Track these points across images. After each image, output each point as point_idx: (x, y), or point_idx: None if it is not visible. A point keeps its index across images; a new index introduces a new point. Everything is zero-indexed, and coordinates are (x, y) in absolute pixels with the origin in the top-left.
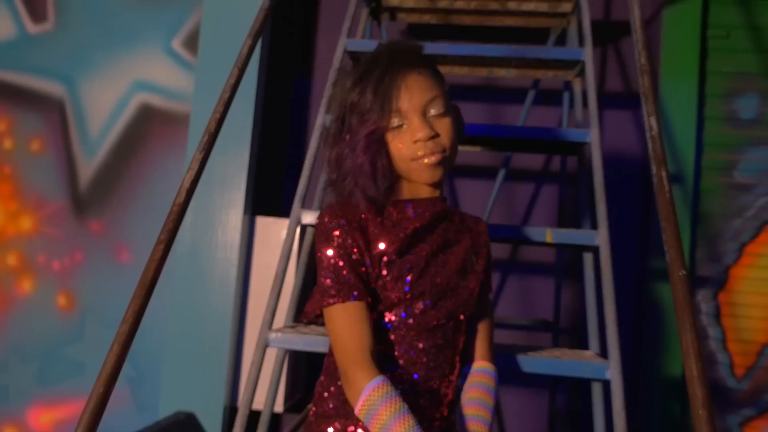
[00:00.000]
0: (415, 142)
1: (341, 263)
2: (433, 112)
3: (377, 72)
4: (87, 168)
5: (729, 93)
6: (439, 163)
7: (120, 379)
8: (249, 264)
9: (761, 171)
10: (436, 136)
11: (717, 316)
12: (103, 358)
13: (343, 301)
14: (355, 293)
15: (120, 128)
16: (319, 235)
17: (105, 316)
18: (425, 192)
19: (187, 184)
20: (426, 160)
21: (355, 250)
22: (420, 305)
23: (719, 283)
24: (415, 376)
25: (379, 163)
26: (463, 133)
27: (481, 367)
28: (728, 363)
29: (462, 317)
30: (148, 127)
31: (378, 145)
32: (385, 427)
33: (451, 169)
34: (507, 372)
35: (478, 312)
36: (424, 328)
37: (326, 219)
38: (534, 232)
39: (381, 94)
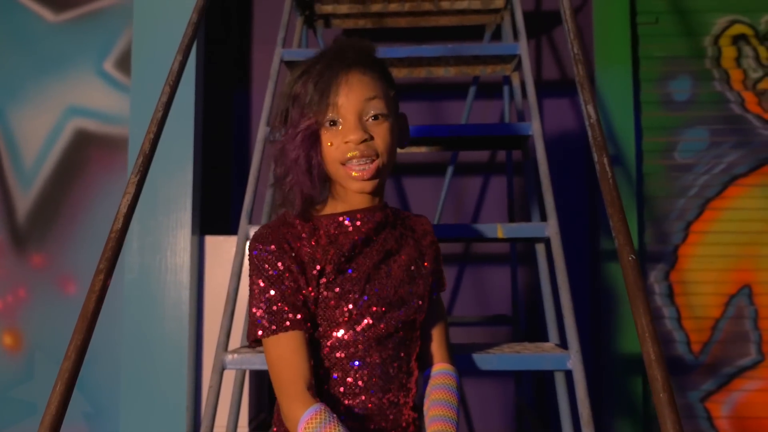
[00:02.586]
0: (346, 142)
1: (272, 293)
2: (371, 113)
3: (320, 65)
4: (24, 200)
5: (662, 77)
6: (370, 170)
7: (76, 416)
8: (201, 285)
9: (699, 151)
10: (370, 139)
11: (670, 295)
12: None
13: (276, 333)
14: (287, 323)
15: (56, 156)
16: (250, 265)
17: (55, 353)
18: (362, 201)
19: (124, 210)
20: (354, 173)
21: (287, 275)
22: (368, 320)
23: (669, 263)
24: (372, 390)
25: (314, 160)
26: (404, 143)
27: (441, 369)
28: (685, 340)
29: (414, 324)
30: (86, 152)
31: (313, 139)
32: None
33: (394, 170)
34: (469, 371)
35: (431, 314)
36: (375, 341)
37: (256, 246)
38: (485, 228)
39: (320, 88)
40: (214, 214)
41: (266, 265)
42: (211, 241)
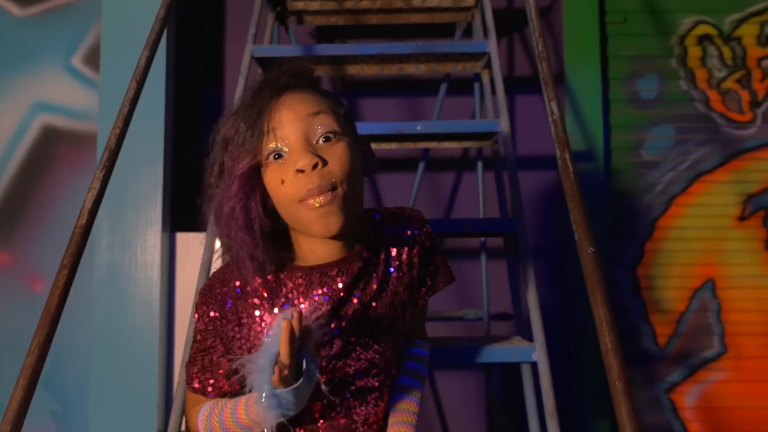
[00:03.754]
0: (298, 171)
1: (204, 362)
2: (320, 131)
3: (250, 99)
4: None
5: (630, 75)
6: (331, 203)
7: (44, 416)
8: (173, 282)
9: (665, 148)
10: (323, 164)
11: (636, 289)
12: None
13: (193, 392)
14: (209, 389)
15: (22, 153)
16: (197, 304)
17: (22, 352)
18: (329, 249)
19: (89, 205)
20: (312, 202)
21: (219, 349)
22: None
23: (636, 258)
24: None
25: (253, 212)
26: (371, 169)
27: (411, 361)
28: (651, 334)
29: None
30: (53, 149)
31: (251, 185)
32: (228, 430)
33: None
34: (440, 364)
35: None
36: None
37: (202, 296)
38: (455, 223)
39: (253, 121)
40: (184, 211)
41: (199, 328)
42: (182, 238)
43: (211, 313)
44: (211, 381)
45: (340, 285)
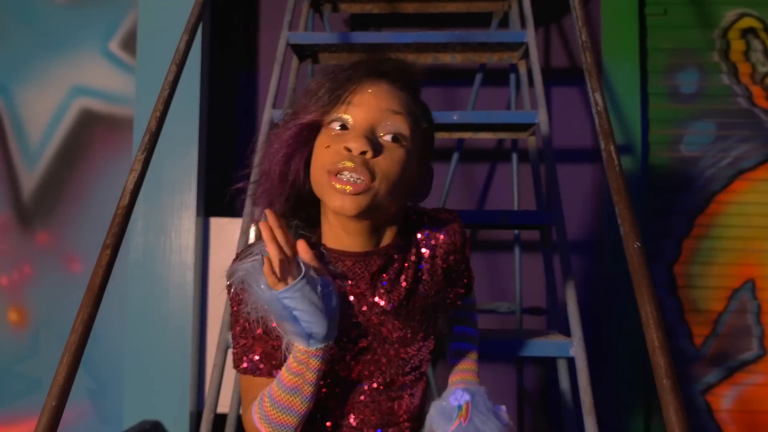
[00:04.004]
0: (345, 148)
1: (247, 342)
2: (390, 129)
3: (349, 66)
4: (29, 178)
5: (670, 69)
6: (359, 195)
7: (80, 392)
8: (206, 266)
9: (705, 144)
10: (373, 156)
11: (673, 288)
12: None
13: (244, 372)
14: (261, 366)
15: (61, 135)
16: (230, 300)
17: (60, 329)
18: (355, 241)
19: (130, 186)
20: (337, 184)
21: (258, 327)
22: (361, 395)
23: (673, 255)
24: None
25: (294, 164)
26: (422, 196)
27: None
28: (687, 333)
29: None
30: (91, 132)
31: (305, 140)
32: (280, 406)
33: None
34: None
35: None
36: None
37: (231, 287)
38: (492, 215)
39: (338, 82)
40: (217, 195)
41: (236, 309)
42: (215, 222)
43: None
44: (258, 356)
45: (363, 279)
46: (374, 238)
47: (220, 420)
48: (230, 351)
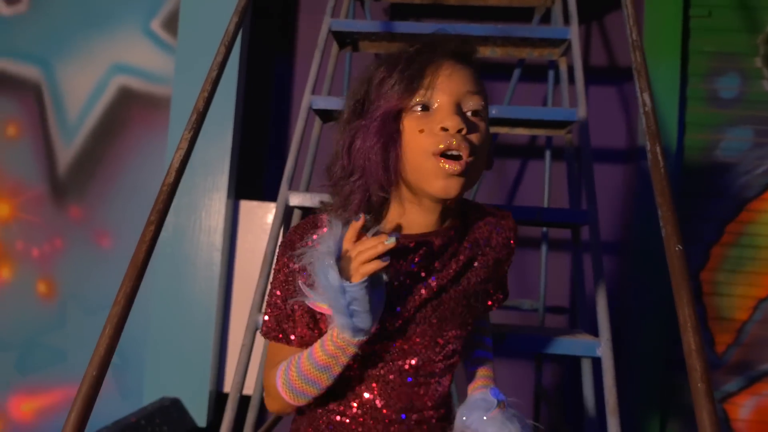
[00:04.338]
0: (442, 128)
1: (284, 307)
2: (471, 105)
3: (412, 51)
4: (65, 153)
5: (710, 72)
6: (462, 173)
7: None
8: (233, 248)
9: (742, 150)
10: (468, 132)
11: (698, 294)
12: (85, 346)
13: (274, 340)
14: (292, 337)
15: (99, 112)
16: (277, 255)
17: (87, 303)
18: (424, 222)
19: (176, 164)
20: (446, 165)
21: (300, 310)
22: (396, 373)
23: (701, 261)
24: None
25: (392, 152)
26: (490, 166)
27: (480, 358)
28: (709, 340)
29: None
30: (128, 110)
31: (393, 128)
32: (307, 379)
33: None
34: (499, 350)
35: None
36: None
37: (284, 255)
38: (527, 211)
39: (412, 70)
40: (247, 179)
41: (283, 273)
42: (245, 205)
43: (292, 265)
44: (293, 330)
45: (418, 259)
46: (441, 218)
47: (243, 402)
48: (260, 326)
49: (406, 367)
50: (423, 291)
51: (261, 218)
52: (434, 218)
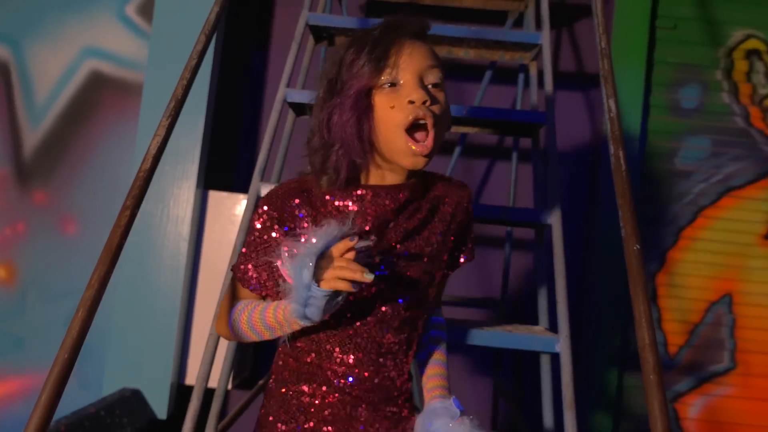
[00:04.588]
0: (410, 102)
1: (252, 255)
2: (431, 79)
3: (376, 33)
4: (32, 135)
5: (673, 82)
6: (429, 152)
7: None
8: (200, 239)
9: (699, 159)
10: (434, 103)
11: (654, 297)
12: (45, 334)
13: (238, 280)
14: (252, 286)
15: (68, 95)
16: (253, 215)
17: (48, 290)
18: (395, 176)
19: (153, 150)
20: (414, 147)
21: (273, 246)
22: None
23: (657, 265)
24: (367, 366)
25: (365, 125)
26: (448, 128)
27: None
28: (663, 341)
29: (424, 302)
30: (99, 95)
31: (365, 104)
32: (253, 329)
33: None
34: (459, 346)
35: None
36: (377, 324)
37: (262, 206)
38: (492, 210)
39: (379, 51)
40: (217, 169)
41: (258, 224)
42: (214, 196)
43: (273, 213)
44: (256, 275)
45: (389, 206)
46: (408, 176)
47: (206, 393)
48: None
49: (370, 319)
50: (390, 242)
51: (229, 209)
52: (403, 177)
